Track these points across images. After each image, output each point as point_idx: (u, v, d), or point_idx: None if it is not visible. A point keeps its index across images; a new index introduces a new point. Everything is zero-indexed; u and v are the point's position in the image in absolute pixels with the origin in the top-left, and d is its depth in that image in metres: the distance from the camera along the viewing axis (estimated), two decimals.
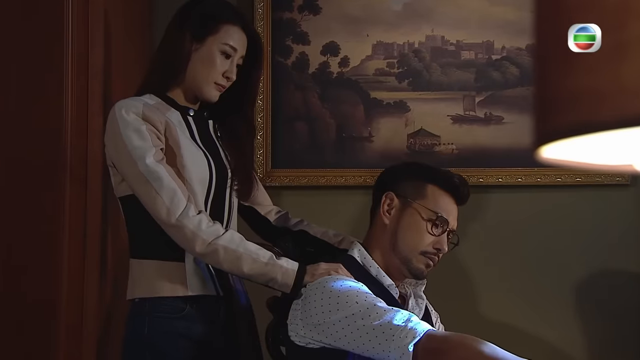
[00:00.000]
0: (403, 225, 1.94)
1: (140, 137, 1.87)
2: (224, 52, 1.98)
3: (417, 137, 2.88)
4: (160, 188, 1.83)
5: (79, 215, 2.21)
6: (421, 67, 2.90)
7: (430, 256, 1.93)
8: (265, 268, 1.84)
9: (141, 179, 1.84)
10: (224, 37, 1.99)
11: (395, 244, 1.93)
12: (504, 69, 2.89)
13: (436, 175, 1.99)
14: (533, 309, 2.83)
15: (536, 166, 2.78)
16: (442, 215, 1.93)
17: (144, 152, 1.85)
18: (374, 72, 2.89)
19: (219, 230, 1.84)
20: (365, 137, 2.87)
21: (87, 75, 2.26)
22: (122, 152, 1.87)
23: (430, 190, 1.95)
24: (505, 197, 2.87)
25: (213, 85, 1.98)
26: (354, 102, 2.89)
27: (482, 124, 2.87)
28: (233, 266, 1.84)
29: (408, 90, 2.89)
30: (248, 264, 1.83)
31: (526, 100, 2.83)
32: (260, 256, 1.85)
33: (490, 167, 2.85)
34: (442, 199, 1.95)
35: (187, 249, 1.86)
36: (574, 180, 2.84)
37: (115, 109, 1.91)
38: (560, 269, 2.85)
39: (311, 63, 2.90)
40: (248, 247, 1.85)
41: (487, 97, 2.89)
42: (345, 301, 1.72)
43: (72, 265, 2.18)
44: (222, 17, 2.00)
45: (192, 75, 1.99)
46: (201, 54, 1.98)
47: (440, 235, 1.93)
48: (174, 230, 1.83)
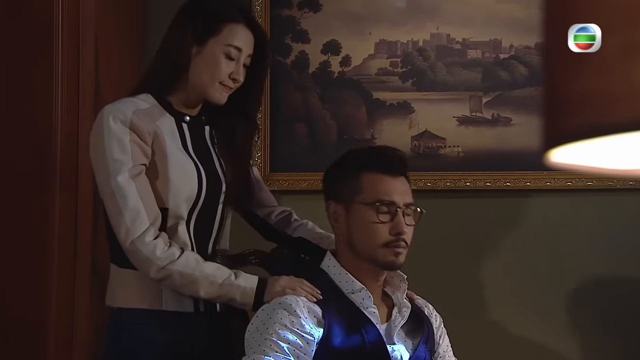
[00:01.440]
0: (353, 227, 1.94)
1: (121, 149, 1.87)
2: (227, 54, 1.96)
3: (421, 139, 2.89)
4: (124, 207, 1.84)
5: (69, 223, 2.22)
6: (426, 67, 2.90)
7: (394, 245, 1.92)
8: (221, 290, 1.87)
9: (110, 192, 1.85)
10: (227, 37, 1.96)
11: (354, 248, 1.94)
12: (512, 69, 2.89)
13: (366, 161, 1.98)
14: (541, 315, 2.83)
15: (546, 170, 2.78)
16: (383, 199, 1.92)
17: (120, 166, 1.85)
18: (376, 72, 2.90)
19: (174, 255, 1.85)
20: (367, 139, 2.87)
21: (78, 76, 2.26)
22: (100, 161, 1.88)
23: (366, 179, 1.95)
24: (513, 202, 2.88)
25: (218, 87, 1.96)
26: (355, 102, 2.90)
27: (489, 126, 2.88)
28: (190, 290, 1.87)
29: (412, 90, 2.90)
30: (204, 287, 1.86)
31: (535, 101, 2.84)
32: (217, 277, 1.87)
33: (497, 171, 2.86)
34: (379, 183, 1.94)
35: (143, 273, 1.87)
36: (584, 184, 2.85)
37: (103, 113, 1.90)
38: (570, 275, 2.85)
39: (311, 62, 2.90)
40: (204, 269, 1.87)
41: (494, 98, 2.89)
42: (253, 337, 1.82)
43: (61, 274, 2.19)
44: (224, 16, 1.98)
45: (195, 78, 1.97)
46: (203, 56, 1.96)
47: (392, 219, 1.92)
48: (129, 253, 1.86)
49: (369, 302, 1.93)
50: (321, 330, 1.84)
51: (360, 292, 1.93)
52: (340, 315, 1.88)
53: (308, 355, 1.81)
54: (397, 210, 1.93)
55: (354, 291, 1.93)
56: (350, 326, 1.87)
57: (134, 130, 1.88)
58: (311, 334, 1.82)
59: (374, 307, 1.93)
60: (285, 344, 1.79)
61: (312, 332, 1.82)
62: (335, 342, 1.84)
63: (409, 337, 1.96)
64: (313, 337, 1.82)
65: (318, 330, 1.83)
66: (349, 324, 1.88)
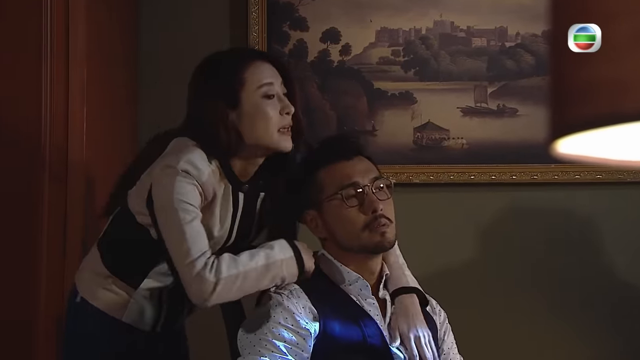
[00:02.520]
0: (331, 225, 1.95)
1: (191, 194, 1.88)
2: (265, 94, 1.93)
3: (424, 130, 2.89)
4: (185, 231, 1.87)
5: (58, 218, 2.22)
6: (429, 56, 2.90)
7: (375, 224, 1.91)
8: (269, 272, 1.88)
9: (173, 223, 1.87)
10: (253, 80, 1.93)
11: (341, 243, 1.96)
12: (518, 57, 2.90)
13: (318, 158, 1.99)
14: (548, 311, 2.83)
15: (553, 162, 2.78)
16: (344, 184, 1.93)
17: (188, 207, 1.87)
18: (377, 61, 2.90)
19: (219, 268, 1.87)
20: (368, 130, 2.87)
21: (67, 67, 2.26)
22: (167, 198, 1.88)
23: (323, 175, 1.96)
24: (520, 196, 2.88)
25: (278, 135, 1.94)
26: (356, 93, 2.90)
27: (494, 117, 2.88)
28: (246, 287, 1.88)
29: (414, 80, 2.90)
30: (256, 278, 1.88)
31: (542, 90, 2.84)
32: (259, 262, 1.88)
33: (503, 164, 2.86)
34: (335, 171, 1.95)
35: (196, 294, 1.88)
36: (593, 177, 2.85)
37: (178, 164, 1.87)
38: (578, 271, 2.85)
39: (310, 51, 2.90)
40: (244, 262, 1.88)
41: (500, 88, 2.89)
42: (247, 337, 1.84)
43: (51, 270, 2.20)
44: (240, 65, 1.95)
45: (251, 138, 1.93)
46: (245, 114, 1.93)
47: (362, 202, 1.92)
48: (184, 274, 1.88)
49: (367, 292, 1.94)
50: (317, 324, 1.85)
51: (357, 282, 1.94)
52: (337, 309, 1.89)
53: (306, 352, 1.82)
54: (363, 190, 1.93)
55: (350, 282, 1.94)
56: (348, 319, 1.88)
57: (202, 185, 1.90)
58: (307, 329, 1.83)
59: (372, 297, 1.94)
60: (281, 342, 1.80)
61: (307, 327, 1.83)
62: (333, 336, 1.85)
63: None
64: (309, 332, 1.83)
65: (314, 325, 1.84)
66: (347, 317, 1.89)
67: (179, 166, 1.85)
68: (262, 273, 1.87)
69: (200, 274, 1.83)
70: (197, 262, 1.83)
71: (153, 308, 2.05)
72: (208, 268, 1.84)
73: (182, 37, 2.94)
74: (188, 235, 1.85)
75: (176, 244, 1.86)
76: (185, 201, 1.85)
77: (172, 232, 1.87)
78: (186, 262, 1.84)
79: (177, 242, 1.86)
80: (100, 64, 2.44)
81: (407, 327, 1.91)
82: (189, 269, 1.84)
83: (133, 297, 2.02)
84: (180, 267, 1.86)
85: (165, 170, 1.88)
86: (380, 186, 1.96)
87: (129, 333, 2.04)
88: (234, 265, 1.86)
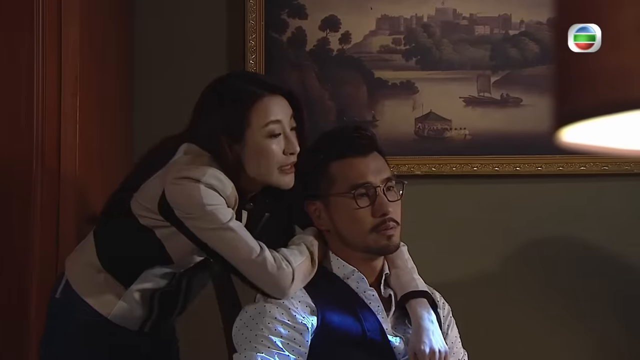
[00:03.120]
0: (337, 220, 1.95)
1: (221, 201, 1.90)
2: (270, 134, 1.93)
3: (425, 121, 2.89)
4: (241, 235, 1.90)
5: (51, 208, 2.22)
6: (430, 44, 2.90)
7: (383, 227, 1.92)
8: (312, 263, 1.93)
9: (223, 230, 1.89)
10: (259, 120, 1.93)
11: (345, 240, 1.96)
12: (522, 46, 2.89)
13: (332, 150, 1.97)
14: (554, 304, 2.84)
15: (558, 153, 2.78)
16: (357, 183, 1.92)
17: (226, 213, 1.90)
18: (378, 49, 2.89)
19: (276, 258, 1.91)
20: (368, 121, 2.87)
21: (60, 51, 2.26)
22: (201, 210, 1.89)
23: (334, 168, 1.95)
24: (524, 188, 2.88)
25: (279, 173, 1.95)
26: (356, 82, 2.89)
27: (498, 107, 2.88)
28: (307, 278, 1.92)
29: (416, 69, 2.89)
30: (306, 266, 1.92)
31: (547, 80, 2.83)
32: (303, 254, 1.92)
33: (507, 155, 2.86)
34: (349, 167, 1.94)
35: (272, 283, 1.89)
36: (600, 168, 2.85)
37: (206, 174, 1.89)
38: (584, 266, 2.85)
39: (309, 39, 2.90)
40: (296, 254, 1.92)
41: (503, 77, 2.89)
42: (242, 333, 1.84)
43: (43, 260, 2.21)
44: (247, 105, 1.93)
45: (252, 172, 1.95)
46: (249, 151, 1.94)
47: (373, 202, 1.92)
48: (257, 265, 1.89)
49: (364, 285, 1.94)
50: (314, 318, 1.85)
51: (353, 276, 1.94)
52: (335, 302, 1.89)
53: (303, 347, 1.82)
54: (375, 191, 1.93)
55: (347, 276, 1.95)
56: (347, 312, 1.88)
57: (227, 199, 1.92)
58: (304, 323, 1.83)
59: (371, 289, 1.94)
60: (277, 338, 1.80)
61: (304, 322, 1.83)
62: (332, 330, 1.85)
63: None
64: (306, 326, 1.83)
65: (311, 319, 1.84)
66: (346, 311, 1.89)
67: (204, 180, 1.87)
68: (309, 262, 1.92)
69: (278, 266, 1.85)
70: (266, 255, 1.86)
71: (143, 309, 2.06)
72: (280, 259, 1.87)
73: (178, 23, 2.93)
74: (239, 232, 1.88)
75: (230, 244, 1.88)
76: (217, 204, 1.88)
77: (218, 234, 1.88)
78: (253, 257, 1.86)
79: (230, 241, 1.87)
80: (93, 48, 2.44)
81: (425, 346, 1.88)
82: (261, 264, 1.85)
83: (123, 296, 2.03)
84: (248, 264, 1.87)
85: (187, 182, 1.88)
86: (391, 186, 1.96)
87: (114, 332, 2.05)
88: (295, 254, 1.90)
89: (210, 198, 1.87)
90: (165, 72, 2.93)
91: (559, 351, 2.84)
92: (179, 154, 1.96)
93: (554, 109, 0.82)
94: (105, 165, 2.56)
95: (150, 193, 1.96)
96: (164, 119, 2.79)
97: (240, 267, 1.88)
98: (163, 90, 2.92)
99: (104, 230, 2.07)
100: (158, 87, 2.92)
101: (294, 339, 1.81)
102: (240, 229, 1.89)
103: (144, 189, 1.98)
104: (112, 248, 2.04)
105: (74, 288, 2.04)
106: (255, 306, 1.87)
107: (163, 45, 2.93)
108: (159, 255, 1.98)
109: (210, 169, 1.89)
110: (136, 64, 2.93)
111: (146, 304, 2.05)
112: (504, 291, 2.86)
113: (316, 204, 1.98)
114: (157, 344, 2.17)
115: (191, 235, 1.90)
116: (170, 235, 1.95)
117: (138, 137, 2.86)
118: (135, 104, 2.92)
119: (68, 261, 2.09)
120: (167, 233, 1.95)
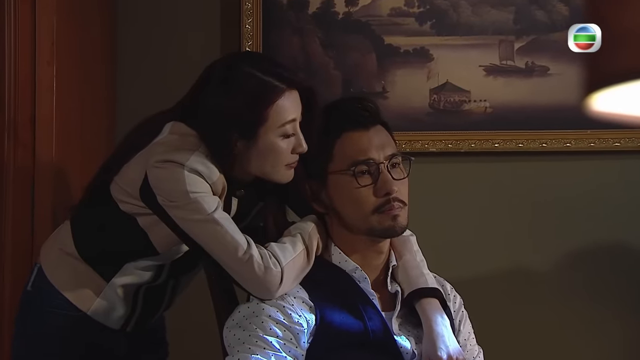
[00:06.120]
0: (336, 201, 1.95)
1: (207, 188, 1.91)
2: (284, 134, 1.93)
3: (441, 92, 2.88)
4: (227, 230, 1.89)
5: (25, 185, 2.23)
6: (447, 6, 2.89)
7: (387, 208, 1.90)
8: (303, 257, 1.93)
9: (208, 222, 1.89)
10: (276, 119, 1.91)
11: (346, 224, 1.95)
12: (549, 8, 2.88)
13: (330, 123, 1.96)
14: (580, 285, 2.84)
15: (589, 128, 2.78)
16: (358, 159, 1.91)
17: (212, 203, 1.90)
18: (388, 13, 2.89)
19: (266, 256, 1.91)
20: (378, 92, 2.87)
21: (34, 18, 2.27)
22: (185, 198, 1.89)
23: (333, 144, 1.94)
24: (551, 166, 2.88)
25: (284, 169, 1.96)
26: (364, 49, 2.89)
27: (522, 76, 2.87)
28: (300, 276, 1.92)
29: (431, 34, 2.89)
30: (299, 263, 1.92)
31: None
32: (297, 249, 1.92)
33: (532, 130, 2.85)
34: (349, 142, 1.93)
35: (258, 284, 1.90)
36: (635, 145, 2.84)
37: (190, 158, 1.89)
38: (621, 251, 2.86)
39: (312, 1, 2.89)
40: (290, 249, 1.93)
41: (528, 43, 2.88)
42: (234, 334, 1.84)
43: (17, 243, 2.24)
44: (265, 98, 1.91)
45: (256, 168, 1.96)
46: (257, 149, 1.93)
47: (375, 181, 1.91)
48: (244, 264, 1.89)
49: (366, 287, 1.93)
50: (312, 316, 1.84)
51: (355, 273, 1.94)
52: (336, 298, 1.89)
53: (300, 347, 1.81)
54: (378, 168, 1.92)
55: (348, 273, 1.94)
56: (348, 311, 1.88)
57: (212, 185, 1.92)
58: (300, 323, 1.82)
59: (372, 293, 1.93)
60: (273, 338, 1.79)
61: (300, 320, 1.83)
62: (332, 328, 1.84)
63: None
64: (302, 325, 1.82)
65: (309, 317, 1.84)
66: (347, 309, 1.88)
67: (189, 164, 1.87)
68: (304, 257, 1.91)
69: (265, 266, 1.85)
70: (252, 253, 1.85)
71: (125, 306, 2.06)
72: (268, 258, 1.87)
73: None
74: (225, 225, 1.87)
75: (214, 238, 1.88)
76: (201, 192, 1.87)
77: (201, 226, 1.88)
78: (239, 255, 1.86)
79: (214, 235, 1.87)
80: (70, 13, 2.45)
81: (442, 352, 1.89)
82: (247, 263, 1.85)
83: (103, 291, 2.03)
84: (233, 261, 1.87)
85: (170, 165, 1.88)
86: (396, 163, 1.95)
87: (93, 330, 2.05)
88: (286, 251, 1.90)
89: (194, 185, 1.86)
90: (153, 37, 2.92)
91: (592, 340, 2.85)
92: (164, 133, 1.95)
93: (585, 78, 0.82)
94: (86, 143, 2.57)
95: (131, 176, 1.96)
96: (150, 93, 2.79)
97: (225, 263, 1.88)
98: (150, 58, 2.91)
99: (81, 217, 2.06)
100: (145, 55, 2.91)
101: (290, 339, 1.81)
102: (226, 222, 1.88)
103: (125, 171, 1.98)
104: (91, 237, 2.04)
105: (50, 279, 2.04)
106: (248, 305, 1.87)
107: (150, 6, 2.92)
108: (142, 245, 1.98)
109: (196, 152, 1.90)
110: (120, 28, 2.92)
111: (129, 300, 2.06)
112: (529, 276, 2.86)
113: (312, 184, 1.97)
114: (142, 345, 2.17)
115: (173, 225, 1.90)
116: (154, 223, 1.95)
117: (121, 113, 2.85)
118: (120, 74, 2.91)
119: (43, 249, 2.09)
120: (150, 221, 1.95)
